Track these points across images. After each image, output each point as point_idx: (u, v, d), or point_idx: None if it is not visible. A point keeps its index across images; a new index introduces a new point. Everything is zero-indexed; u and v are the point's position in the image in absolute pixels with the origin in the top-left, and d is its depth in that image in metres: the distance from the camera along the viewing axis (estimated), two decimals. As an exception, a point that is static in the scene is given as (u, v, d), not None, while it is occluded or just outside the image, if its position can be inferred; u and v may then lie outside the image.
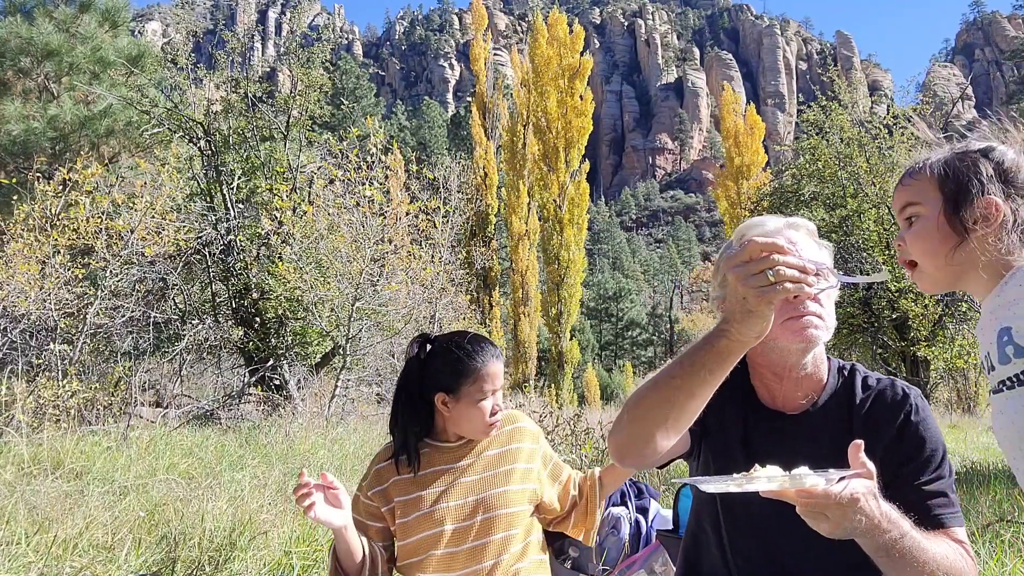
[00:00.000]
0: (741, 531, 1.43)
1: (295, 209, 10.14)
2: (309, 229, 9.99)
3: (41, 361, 7.45)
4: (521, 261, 26.43)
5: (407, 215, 11.34)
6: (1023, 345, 1.10)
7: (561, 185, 26.22)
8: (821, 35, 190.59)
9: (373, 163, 10.46)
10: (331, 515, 1.66)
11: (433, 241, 12.70)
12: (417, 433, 1.88)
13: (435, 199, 12.51)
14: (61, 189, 8.37)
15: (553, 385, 25.87)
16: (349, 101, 35.61)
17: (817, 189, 14.57)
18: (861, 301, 13.76)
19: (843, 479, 1.04)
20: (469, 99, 36.34)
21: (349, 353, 10.15)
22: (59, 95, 12.14)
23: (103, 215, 8.37)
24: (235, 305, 10.15)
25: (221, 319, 10.06)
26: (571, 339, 27.07)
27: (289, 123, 11.04)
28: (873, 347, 14.26)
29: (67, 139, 11.54)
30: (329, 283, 9.78)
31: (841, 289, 1.45)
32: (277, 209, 9.92)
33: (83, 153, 10.15)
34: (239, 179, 10.47)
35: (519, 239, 26.41)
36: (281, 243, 10.00)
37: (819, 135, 14.87)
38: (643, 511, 2.57)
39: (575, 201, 26.30)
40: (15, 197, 8.36)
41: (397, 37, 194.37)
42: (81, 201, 8.25)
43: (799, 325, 1.34)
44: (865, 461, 1.07)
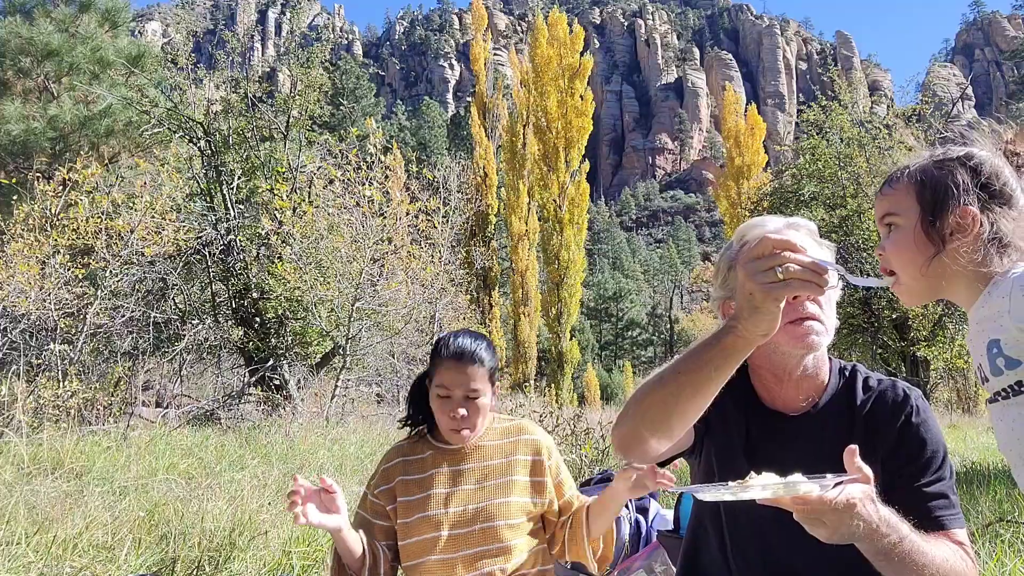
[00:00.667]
0: (742, 529, 1.43)
1: (295, 209, 10.13)
2: (309, 229, 9.99)
3: (41, 361, 7.44)
4: (521, 261, 26.42)
5: (407, 215, 11.34)
6: (1013, 357, 1.09)
7: (561, 185, 26.21)
8: (821, 35, 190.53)
9: (373, 163, 10.47)
10: (325, 518, 1.65)
11: (433, 241, 12.72)
12: (420, 419, 1.92)
13: (435, 199, 12.53)
14: (61, 189, 8.37)
15: (553, 385, 25.86)
16: (349, 101, 35.58)
17: (817, 189, 14.56)
18: (861, 301, 13.75)
19: (839, 484, 1.03)
20: (469, 99, 36.34)
21: (349, 353, 10.16)
22: (59, 95, 12.14)
23: (103, 215, 8.37)
24: (235, 305, 10.15)
25: (221, 319, 10.05)
26: (571, 339, 27.06)
27: (289, 123, 11.04)
28: (873, 347, 14.25)
29: (67, 139, 11.55)
30: (329, 283, 9.78)
31: (842, 289, 1.44)
32: (277, 209, 9.92)
33: (83, 153, 10.15)
34: (239, 179, 10.47)
35: (519, 239, 26.40)
36: (281, 243, 9.99)
37: (819, 135, 14.87)
38: (643, 511, 2.56)
39: (575, 201, 26.29)
40: (15, 197, 8.36)
41: (397, 37, 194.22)
42: (81, 201, 8.25)
43: (800, 331, 1.34)
44: (861, 466, 1.06)
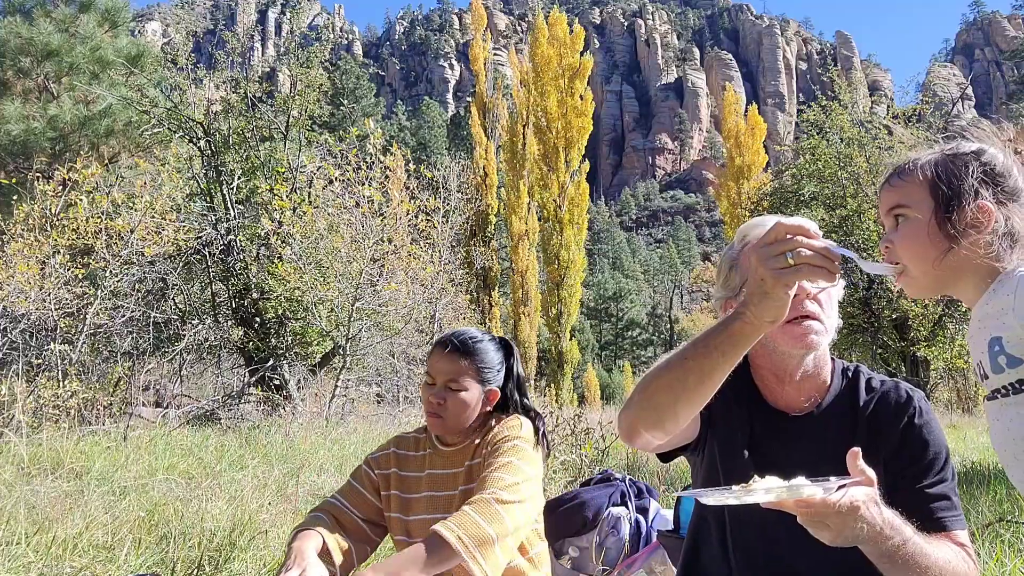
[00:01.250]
0: (745, 530, 1.42)
1: (295, 209, 10.14)
2: (309, 229, 9.99)
3: (41, 361, 7.44)
4: (521, 261, 26.41)
5: (407, 215, 11.34)
6: (1015, 355, 1.09)
7: (561, 185, 26.21)
8: (821, 35, 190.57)
9: (372, 163, 10.46)
10: None
11: (433, 241, 12.72)
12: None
13: (435, 199, 12.52)
14: (61, 189, 8.38)
15: (553, 385, 25.86)
16: (349, 101, 35.57)
17: (817, 189, 14.57)
18: (861, 301, 13.75)
19: (843, 487, 1.03)
20: (469, 99, 36.33)
21: (349, 353, 10.16)
22: (59, 95, 12.14)
23: (103, 215, 8.37)
24: (235, 305, 10.15)
25: (221, 319, 10.06)
26: (571, 339, 27.07)
27: (289, 123, 11.04)
28: (873, 347, 14.26)
29: (67, 139, 11.55)
30: (329, 283, 9.78)
31: (843, 289, 1.43)
32: (277, 209, 9.92)
33: (83, 153, 10.16)
34: (239, 179, 10.47)
35: (519, 239, 26.39)
36: (281, 243, 10.00)
37: (819, 135, 14.87)
38: (643, 511, 2.55)
39: (575, 201, 26.29)
40: (15, 197, 8.36)
41: (397, 37, 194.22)
42: (81, 201, 8.25)
43: (799, 331, 1.33)
44: (864, 468, 1.06)
